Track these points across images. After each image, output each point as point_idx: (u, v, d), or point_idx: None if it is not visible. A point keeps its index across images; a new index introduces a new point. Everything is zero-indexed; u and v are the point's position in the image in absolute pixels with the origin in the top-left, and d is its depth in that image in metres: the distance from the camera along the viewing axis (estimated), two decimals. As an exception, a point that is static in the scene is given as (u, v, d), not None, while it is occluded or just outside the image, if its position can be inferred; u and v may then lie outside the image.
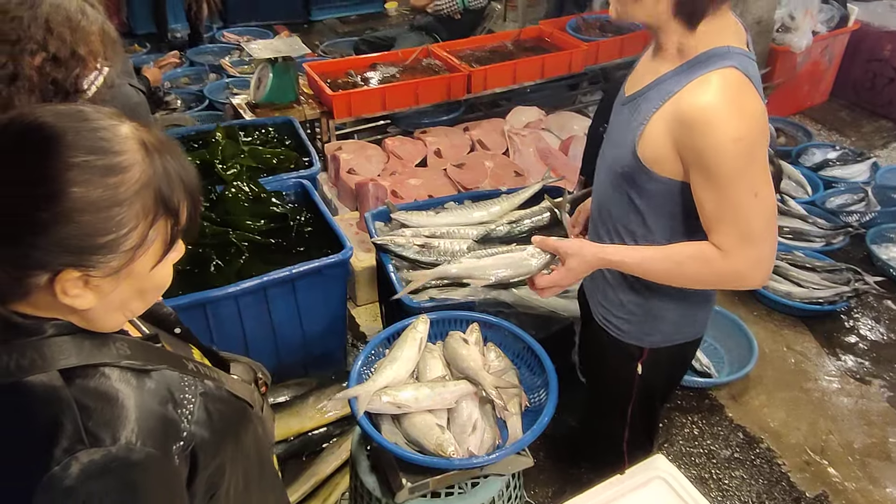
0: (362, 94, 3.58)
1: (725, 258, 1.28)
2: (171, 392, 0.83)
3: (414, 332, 1.71)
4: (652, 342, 1.58)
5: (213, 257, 2.36)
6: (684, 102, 1.22)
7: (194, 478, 0.84)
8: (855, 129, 4.70)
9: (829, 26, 4.53)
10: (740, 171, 1.20)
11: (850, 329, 2.98)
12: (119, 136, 0.75)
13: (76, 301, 0.76)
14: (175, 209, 0.79)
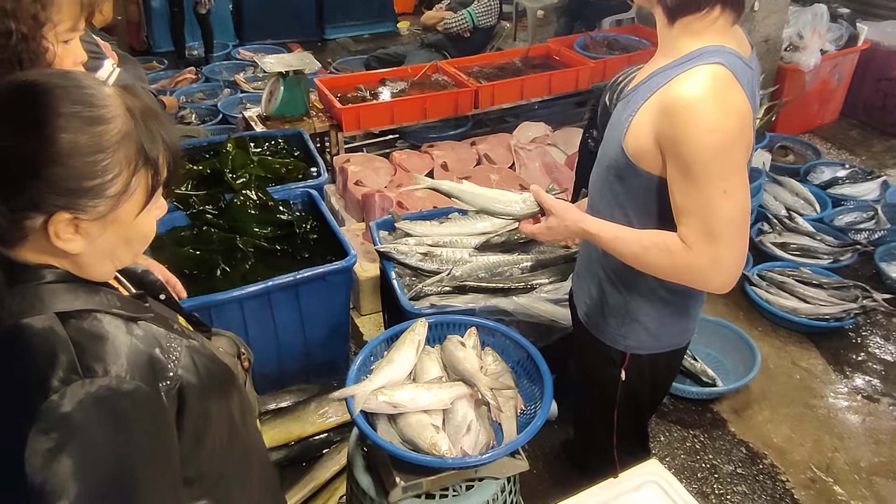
0: (371, 108, 3.64)
1: (686, 252, 1.28)
2: (157, 339, 0.89)
3: (412, 334, 1.72)
4: (631, 346, 1.59)
5: (220, 262, 2.40)
6: (669, 93, 1.24)
7: (182, 417, 0.89)
8: (865, 148, 4.68)
9: (837, 45, 4.53)
10: (711, 165, 1.21)
11: (857, 346, 2.95)
12: (103, 93, 0.83)
13: (68, 245, 0.83)
14: (155, 161, 0.86)
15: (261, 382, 2.45)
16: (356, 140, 4.17)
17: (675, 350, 1.63)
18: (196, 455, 0.93)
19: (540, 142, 3.89)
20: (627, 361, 1.63)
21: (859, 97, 4.92)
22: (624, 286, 1.53)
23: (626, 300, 1.54)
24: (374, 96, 3.87)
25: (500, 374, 1.70)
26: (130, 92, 0.87)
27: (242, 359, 1.18)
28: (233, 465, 1.03)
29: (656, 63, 1.36)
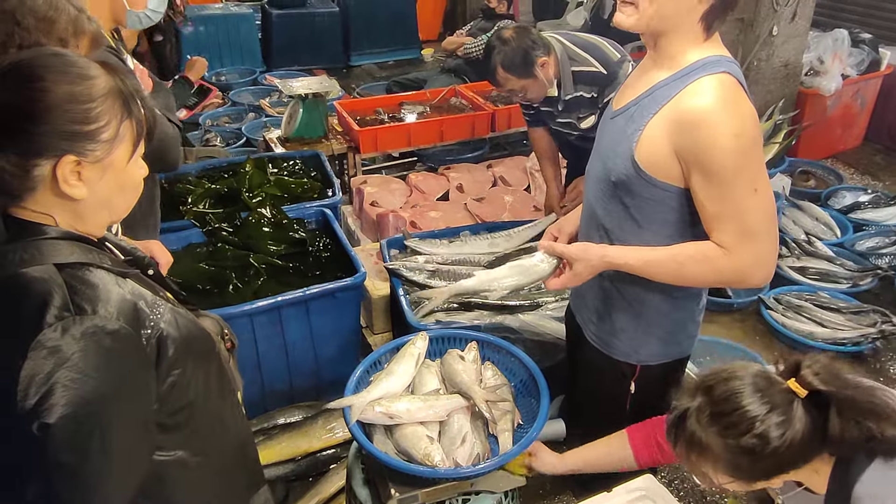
0: (388, 130, 3.71)
1: (727, 255, 1.32)
2: (143, 295, 0.98)
3: (412, 347, 1.75)
4: (643, 359, 1.60)
5: (233, 278, 2.45)
6: (683, 105, 1.28)
7: (160, 364, 0.98)
8: (890, 173, 4.62)
9: (859, 70, 4.51)
10: (739, 168, 1.26)
11: (876, 372, 2.89)
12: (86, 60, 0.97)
13: (73, 190, 0.94)
14: (137, 114, 1.00)
15: (271, 398, 2.49)
16: (376, 162, 4.25)
17: (683, 359, 1.65)
18: (171, 404, 1.01)
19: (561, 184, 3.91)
20: (637, 373, 1.63)
21: (884, 122, 4.87)
22: (635, 299, 1.54)
23: (638, 313, 1.55)
24: (393, 119, 3.95)
25: (498, 387, 1.71)
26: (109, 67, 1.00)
27: (226, 339, 1.23)
28: (208, 428, 1.10)
29: (653, 76, 1.37)
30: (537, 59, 2.33)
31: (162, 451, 1.02)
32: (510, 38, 2.33)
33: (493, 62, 2.36)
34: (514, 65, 2.33)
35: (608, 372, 1.65)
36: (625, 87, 1.49)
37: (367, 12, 6.58)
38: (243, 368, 2.37)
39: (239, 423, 1.24)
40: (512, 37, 2.33)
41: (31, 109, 0.90)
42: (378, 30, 6.70)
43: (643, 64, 1.45)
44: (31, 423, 0.84)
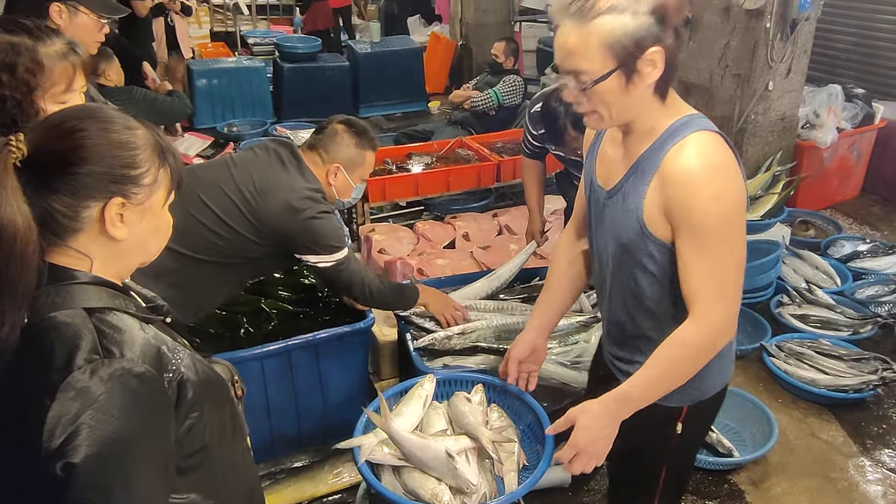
0: (396, 180, 3.82)
1: (699, 326, 1.34)
2: (164, 340, 1.03)
3: (420, 389, 1.80)
4: (693, 398, 1.54)
5: (244, 323, 2.52)
6: (667, 169, 1.33)
7: (179, 407, 1.01)
8: (887, 223, 4.69)
9: (853, 123, 4.63)
10: (719, 229, 1.31)
11: (879, 419, 2.90)
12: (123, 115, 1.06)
13: (117, 231, 1.01)
14: (171, 163, 1.08)
15: (279, 443, 2.52)
16: (384, 211, 4.35)
17: (724, 388, 1.60)
18: (188, 447, 1.04)
19: (559, 213, 4.00)
20: (684, 414, 1.56)
21: (880, 174, 4.97)
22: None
23: None
24: (401, 170, 4.06)
25: (504, 428, 1.75)
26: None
27: (236, 386, 1.28)
28: (220, 472, 1.13)
29: (633, 150, 1.41)
30: None
31: (176, 493, 1.04)
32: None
33: (562, 124, 2.44)
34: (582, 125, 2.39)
35: (650, 418, 1.50)
36: (608, 164, 1.50)
37: (377, 66, 6.79)
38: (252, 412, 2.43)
39: (248, 467, 1.28)
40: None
41: (83, 154, 0.97)
42: (386, 83, 6.90)
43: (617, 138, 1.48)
44: (55, 463, 0.87)
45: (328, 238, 2.11)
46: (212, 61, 6.50)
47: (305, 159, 2.20)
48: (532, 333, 1.75)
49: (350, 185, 2.26)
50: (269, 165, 2.16)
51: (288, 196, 2.08)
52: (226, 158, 2.22)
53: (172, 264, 1.98)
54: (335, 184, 2.23)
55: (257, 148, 2.26)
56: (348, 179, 2.24)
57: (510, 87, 4.87)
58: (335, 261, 2.14)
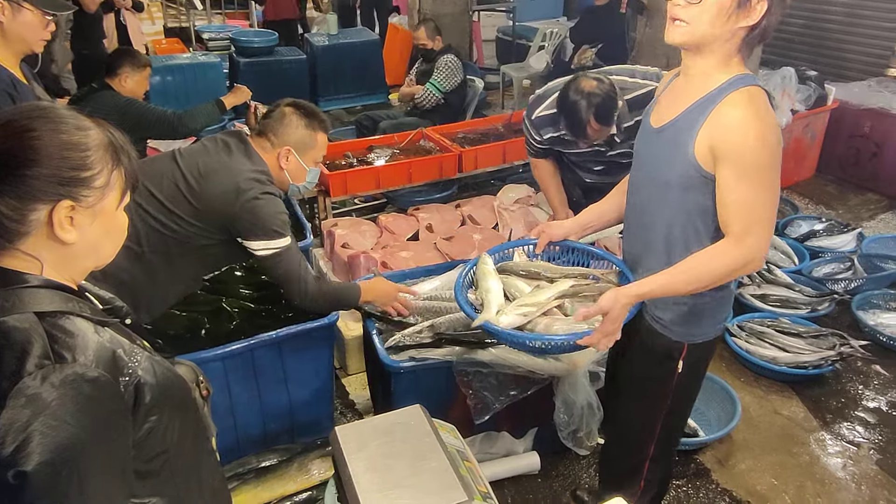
0: (357, 174, 3.78)
1: (737, 245, 1.52)
2: (121, 343, 1.00)
3: (484, 266, 1.92)
4: (695, 336, 1.76)
5: (206, 323, 2.46)
6: (725, 112, 1.49)
7: (137, 411, 0.99)
8: (842, 202, 4.81)
9: (807, 105, 4.73)
10: (764, 167, 1.48)
11: (838, 393, 2.98)
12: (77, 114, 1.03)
13: (66, 235, 0.98)
14: (126, 164, 1.05)
15: (245, 443, 2.48)
16: (346, 205, 4.31)
17: (719, 336, 1.82)
18: (147, 451, 1.02)
19: (523, 202, 4.01)
20: (685, 353, 1.77)
21: (833, 154, 5.09)
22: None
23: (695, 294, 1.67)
24: (362, 163, 4.02)
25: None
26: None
27: (201, 387, 1.25)
28: (182, 476, 1.10)
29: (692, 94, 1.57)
30: (618, 102, 2.39)
31: (137, 498, 1.02)
32: (594, 90, 2.33)
33: (585, 117, 2.36)
34: (606, 115, 2.35)
35: (656, 353, 1.78)
36: (663, 107, 1.68)
37: (335, 59, 6.70)
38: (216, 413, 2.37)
39: (213, 469, 1.25)
40: (595, 88, 2.34)
41: (31, 156, 0.95)
42: (345, 76, 6.82)
43: (675, 86, 1.67)
44: (7, 471, 0.84)
45: (270, 220, 2.04)
46: (166, 58, 6.31)
47: (255, 145, 2.15)
48: (572, 224, 1.99)
49: (303, 168, 2.21)
50: (215, 152, 2.12)
51: (232, 177, 2.03)
52: (173, 151, 2.16)
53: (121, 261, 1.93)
54: (287, 167, 2.18)
55: (206, 140, 2.21)
56: (301, 162, 2.19)
57: (445, 72, 4.70)
58: (275, 249, 2.06)
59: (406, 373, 2.26)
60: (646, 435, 1.93)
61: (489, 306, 1.79)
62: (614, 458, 2.16)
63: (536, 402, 2.38)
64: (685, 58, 1.60)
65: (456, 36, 6.85)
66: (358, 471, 1.67)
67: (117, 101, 3.37)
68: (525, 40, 7.33)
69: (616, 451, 2.14)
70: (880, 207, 4.72)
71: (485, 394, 2.31)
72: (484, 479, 1.83)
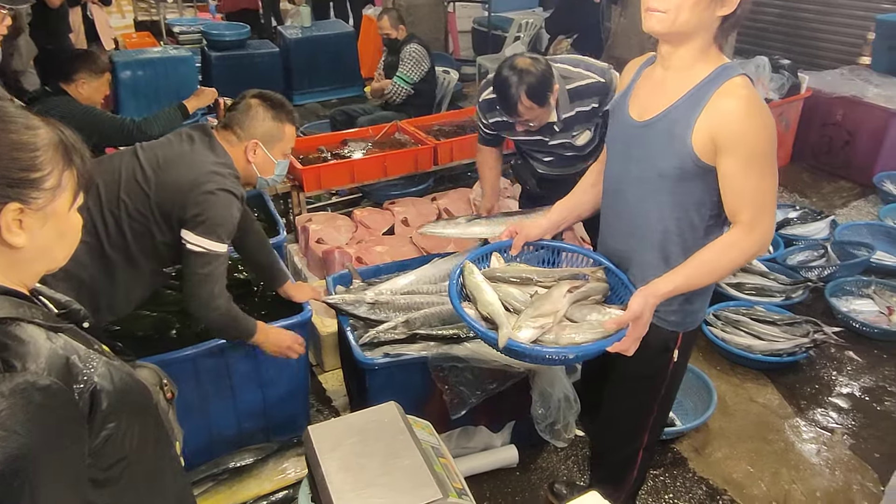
0: (331, 168, 3.73)
1: (750, 233, 1.54)
2: (75, 349, 0.97)
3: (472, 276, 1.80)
4: (687, 324, 1.78)
5: (175, 323, 2.42)
6: (723, 102, 1.49)
7: (94, 418, 0.96)
8: (815, 190, 4.86)
9: (781, 94, 4.76)
10: (766, 152, 1.50)
11: (812, 380, 3.00)
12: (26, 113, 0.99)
13: (15, 238, 0.94)
14: (78, 164, 1.01)
15: (219, 444, 2.45)
16: (321, 200, 4.26)
17: (701, 324, 1.86)
18: (105, 459, 0.99)
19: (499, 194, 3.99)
20: (680, 342, 1.79)
21: (807, 142, 5.13)
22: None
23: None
24: (336, 157, 3.97)
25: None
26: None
27: (165, 389, 1.22)
28: (143, 483, 1.08)
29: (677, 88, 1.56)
30: (554, 85, 2.35)
31: None
32: (528, 67, 2.28)
33: (516, 93, 2.28)
34: (538, 93, 2.29)
35: (652, 344, 1.73)
36: (644, 98, 1.65)
37: (309, 52, 6.63)
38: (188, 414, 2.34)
39: (176, 476, 1.22)
40: (529, 66, 2.29)
41: None
42: (320, 69, 6.75)
43: (653, 77, 1.65)
44: None
45: (217, 220, 1.94)
46: (136, 52, 6.19)
47: (220, 138, 2.08)
48: (547, 223, 1.94)
49: (272, 162, 2.14)
50: (178, 144, 2.05)
51: (190, 168, 1.96)
52: (134, 146, 2.10)
53: (81, 257, 1.89)
54: (255, 161, 2.10)
55: (171, 134, 2.14)
56: (269, 155, 2.12)
57: (411, 63, 4.63)
58: (208, 249, 1.94)
59: (381, 369, 2.24)
60: (641, 425, 1.94)
61: (503, 323, 1.66)
62: (608, 451, 2.13)
63: (513, 395, 2.38)
64: (663, 48, 1.58)
65: (431, 27, 6.81)
66: (331, 470, 1.65)
67: (73, 109, 3.20)
68: (501, 31, 7.31)
69: (610, 443, 2.11)
70: (853, 195, 4.77)
71: (461, 389, 2.29)
72: (459, 475, 1.81)
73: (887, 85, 4.78)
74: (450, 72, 5.41)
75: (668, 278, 1.60)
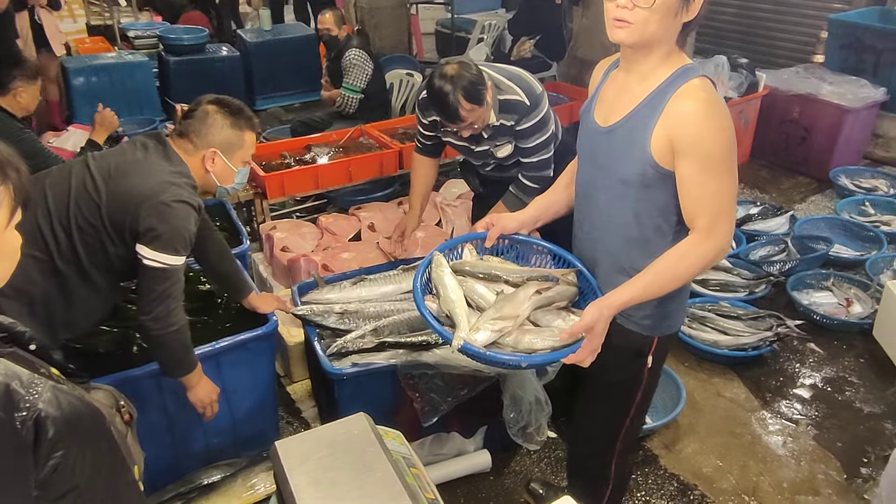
0: (294, 174, 3.69)
1: (707, 239, 1.51)
2: (17, 375, 0.92)
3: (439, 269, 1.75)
4: (662, 329, 1.75)
5: (136, 338, 2.35)
6: (679, 105, 1.48)
7: (39, 446, 0.91)
8: (775, 185, 4.96)
9: (739, 92, 4.84)
10: (723, 156, 1.48)
11: (776, 372, 3.06)
12: None
13: None
14: (14, 180, 0.97)
15: (186, 461, 2.39)
16: (286, 206, 4.20)
17: (678, 331, 1.83)
18: (54, 489, 0.95)
19: (465, 198, 3.98)
20: (654, 347, 1.76)
21: (766, 139, 5.23)
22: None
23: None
24: (300, 163, 3.92)
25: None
26: None
27: (123, 411, 1.18)
28: None
29: (638, 89, 1.56)
30: (487, 82, 2.35)
31: None
32: (458, 73, 2.29)
33: (455, 99, 2.28)
34: (474, 95, 2.30)
35: (625, 350, 1.74)
36: (608, 104, 1.64)
37: (270, 55, 6.52)
38: (153, 432, 2.28)
39: (134, 501, 1.18)
40: (459, 71, 2.30)
41: None
42: (282, 73, 6.65)
43: (616, 81, 1.64)
44: None
45: (173, 233, 1.87)
46: (89, 57, 6.03)
47: (175, 147, 2.00)
48: (525, 217, 1.89)
49: (231, 170, 2.07)
50: (131, 153, 1.98)
51: (144, 178, 1.89)
52: (85, 156, 2.02)
53: (31, 274, 1.82)
54: (214, 170, 2.03)
55: (124, 143, 2.08)
56: (228, 164, 2.04)
57: (354, 71, 4.45)
58: (165, 264, 1.87)
59: (349, 379, 2.21)
60: (617, 430, 1.91)
61: (461, 324, 1.62)
62: (584, 457, 2.11)
63: (484, 400, 2.37)
64: (627, 54, 1.57)
65: (394, 29, 6.78)
66: (300, 486, 1.61)
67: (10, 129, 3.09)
68: (464, 33, 7.30)
69: (585, 450, 2.09)
70: (810, 190, 4.88)
71: (432, 395, 2.28)
72: (431, 484, 1.79)
73: (840, 82, 4.90)
74: (413, 74, 5.38)
75: (624, 289, 1.57)
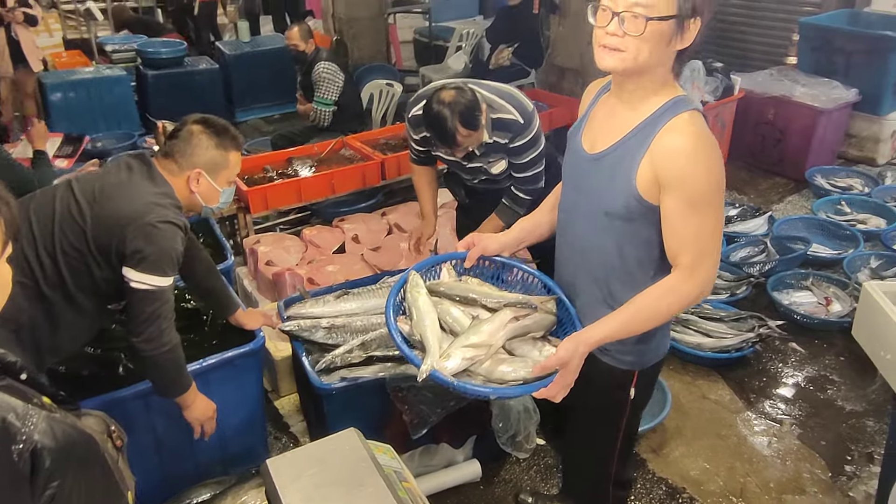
0: (277, 188, 3.68)
1: (689, 278, 1.47)
2: (12, 407, 0.92)
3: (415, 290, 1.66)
4: (645, 362, 1.73)
5: (122, 359, 2.34)
6: (666, 141, 1.44)
7: (37, 477, 0.92)
8: (753, 187, 5.03)
9: (715, 96, 4.91)
10: (708, 196, 1.44)
11: (760, 373, 3.11)
12: None
13: None
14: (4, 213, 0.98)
15: (175, 480, 2.37)
16: (269, 220, 4.18)
17: (663, 359, 1.80)
18: None
19: (449, 207, 3.99)
20: (636, 379, 1.74)
21: (742, 141, 5.30)
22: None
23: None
24: (282, 176, 3.92)
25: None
26: None
27: (114, 437, 1.18)
28: None
29: (629, 117, 1.51)
30: (482, 105, 2.39)
31: None
32: (455, 99, 2.33)
33: (452, 126, 2.33)
34: (471, 121, 2.35)
35: (607, 383, 1.73)
36: (596, 130, 1.60)
37: (249, 67, 6.53)
38: (142, 453, 2.27)
39: None
40: (456, 98, 2.34)
41: None
42: (261, 85, 6.64)
43: (607, 106, 1.59)
44: None
45: (160, 254, 1.86)
46: (67, 72, 5.98)
47: (160, 167, 2.00)
48: (508, 239, 1.84)
49: (216, 191, 2.07)
50: (115, 174, 1.97)
51: (129, 200, 1.89)
52: (68, 180, 2.01)
53: (17, 300, 1.81)
54: (199, 190, 2.03)
55: (108, 164, 2.07)
56: (213, 184, 2.05)
57: (325, 85, 4.46)
58: (152, 286, 1.86)
59: (338, 394, 2.21)
60: (607, 456, 1.92)
61: (431, 350, 1.53)
62: (578, 482, 2.13)
63: (473, 410, 2.38)
64: (618, 80, 1.53)
65: (373, 39, 6.79)
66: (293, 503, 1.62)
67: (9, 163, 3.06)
68: (443, 41, 7.34)
69: (577, 473, 2.11)
70: (787, 190, 4.96)
71: (421, 408, 2.28)
72: (423, 497, 1.80)
73: (813, 84, 4.99)
74: (393, 84, 5.40)
75: (602, 325, 1.52)
